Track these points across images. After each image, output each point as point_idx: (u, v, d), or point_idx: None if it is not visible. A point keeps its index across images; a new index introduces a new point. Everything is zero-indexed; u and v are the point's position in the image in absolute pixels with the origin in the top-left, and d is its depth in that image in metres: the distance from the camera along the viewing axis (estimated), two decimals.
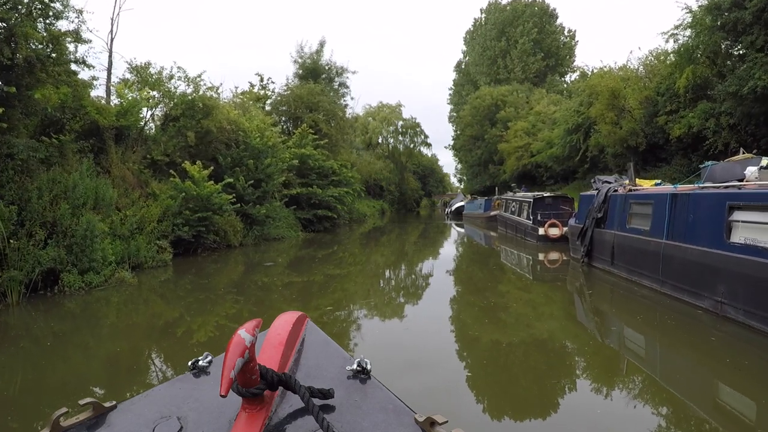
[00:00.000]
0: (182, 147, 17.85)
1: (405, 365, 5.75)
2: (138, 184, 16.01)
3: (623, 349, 6.53)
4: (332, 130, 30.50)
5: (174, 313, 9.09)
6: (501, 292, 10.41)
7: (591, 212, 11.73)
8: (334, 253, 19.00)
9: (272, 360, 1.38)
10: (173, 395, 1.44)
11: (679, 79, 21.58)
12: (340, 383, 1.44)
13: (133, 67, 18.71)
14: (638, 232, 9.64)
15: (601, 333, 7.42)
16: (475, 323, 7.76)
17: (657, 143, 24.92)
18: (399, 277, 13.42)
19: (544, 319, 8.13)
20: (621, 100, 24.51)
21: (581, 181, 36.04)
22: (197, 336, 7.38)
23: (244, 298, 10.24)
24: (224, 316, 8.78)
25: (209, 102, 18.58)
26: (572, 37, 67.94)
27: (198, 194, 15.30)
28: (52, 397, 5.11)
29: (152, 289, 11.18)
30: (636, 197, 10.10)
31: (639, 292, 9.10)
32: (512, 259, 16.00)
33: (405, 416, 1.30)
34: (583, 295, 9.97)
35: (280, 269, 14.37)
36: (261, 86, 33.13)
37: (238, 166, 18.53)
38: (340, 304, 9.49)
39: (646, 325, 7.45)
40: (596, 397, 5.02)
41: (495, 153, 50.67)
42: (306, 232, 24.03)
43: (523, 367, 5.90)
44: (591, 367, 5.88)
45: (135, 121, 16.64)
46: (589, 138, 30.55)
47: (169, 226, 14.85)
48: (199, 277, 12.99)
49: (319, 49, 37.67)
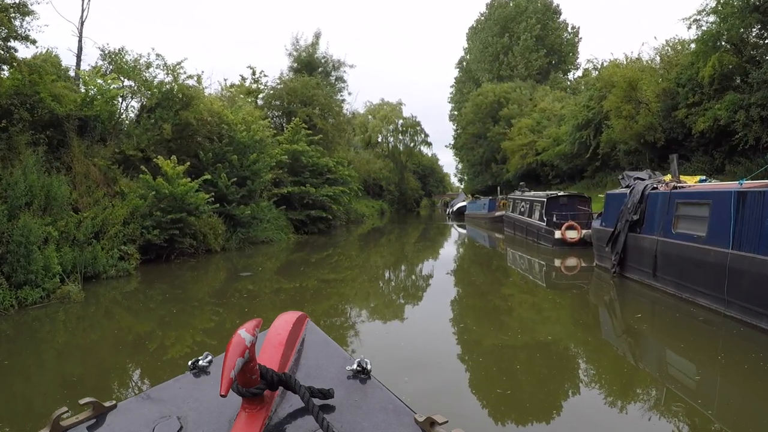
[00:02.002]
0: (158, 141, 16.08)
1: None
2: (104, 182, 14.23)
3: (675, 385, 4.76)
4: (328, 126, 28.74)
5: (127, 334, 7.36)
6: (516, 307, 8.66)
7: (623, 214, 9.97)
8: (329, 256, 17.52)
9: (272, 360, 1.37)
10: (173, 395, 1.43)
11: (702, 68, 19.82)
12: (340, 383, 1.43)
13: (106, 53, 16.97)
14: (689, 238, 7.88)
15: (646, 364, 5.69)
16: (489, 341, 6.01)
17: (676, 138, 23.15)
18: (398, 285, 11.69)
19: (574, 343, 6.38)
20: (639, 91, 22.71)
21: (590, 180, 34.31)
22: (164, 363, 5.66)
23: (224, 309, 8.84)
24: (201, 331, 7.45)
25: (189, 91, 16.82)
26: (575, 33, 66.52)
27: (171, 193, 13.53)
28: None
29: (106, 305, 9.41)
30: (685, 196, 8.35)
31: (694, 314, 7.34)
32: (524, 265, 14.25)
33: (405, 416, 1.30)
34: (616, 312, 8.21)
35: (268, 275, 13.05)
36: (253, 80, 31.29)
37: (220, 162, 16.75)
38: (335, 311, 8.62)
39: (710, 361, 5.69)
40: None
41: (498, 151, 49.03)
42: (298, 234, 22.26)
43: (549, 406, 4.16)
44: (633, 411, 4.12)
45: (102, 111, 14.89)
46: (600, 134, 28.77)
47: (137, 229, 13.09)
48: (173, 287, 11.35)
49: (315, 42, 35.97)
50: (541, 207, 17.42)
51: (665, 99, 23.18)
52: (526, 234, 19.00)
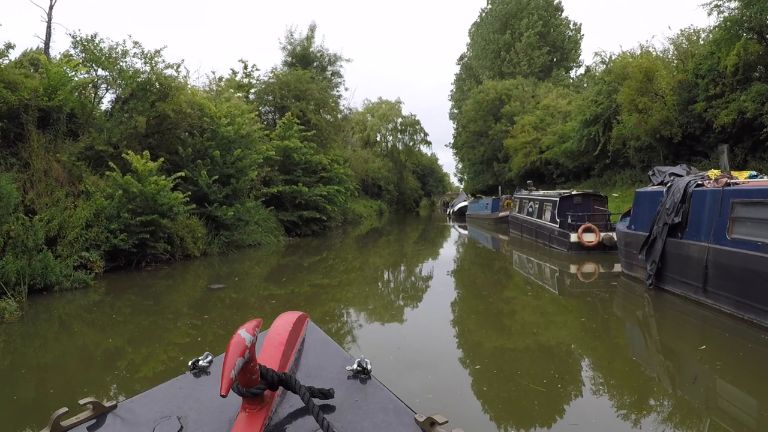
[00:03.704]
0: (132, 135, 14.59)
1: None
2: (68, 180, 12.76)
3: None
4: (322, 122, 27.23)
5: (71, 361, 5.88)
6: (534, 323, 7.19)
7: (660, 215, 8.49)
8: (323, 260, 16.17)
9: (272, 360, 1.37)
10: (173, 395, 1.43)
11: (724, 57, 18.37)
12: (341, 383, 1.43)
13: (77, 40, 15.47)
14: (752, 246, 6.41)
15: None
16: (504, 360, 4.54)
17: (693, 134, 21.71)
18: (397, 295, 10.23)
19: (608, 373, 4.90)
20: (655, 83, 21.21)
21: (598, 179, 32.85)
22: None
23: (203, 323, 7.69)
24: (175, 347, 6.63)
25: (167, 81, 15.33)
26: (578, 30, 65.24)
27: (141, 192, 12.04)
28: None
29: (51, 324, 7.94)
30: (744, 195, 6.87)
31: (764, 340, 5.88)
32: (533, 270, 12.78)
33: (405, 416, 1.29)
34: (666, 340, 6.72)
35: (256, 281, 12.03)
36: (245, 74, 29.77)
37: (201, 159, 15.25)
38: (330, 318, 8.11)
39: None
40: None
41: (499, 150, 47.64)
42: (290, 237, 20.76)
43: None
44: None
45: (68, 102, 13.42)
46: (609, 130, 27.30)
47: (102, 233, 11.61)
48: (144, 298, 10.07)
49: (310, 35, 34.49)
50: (553, 207, 15.94)
51: (681, 92, 21.72)
52: (536, 236, 17.51)
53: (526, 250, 16.68)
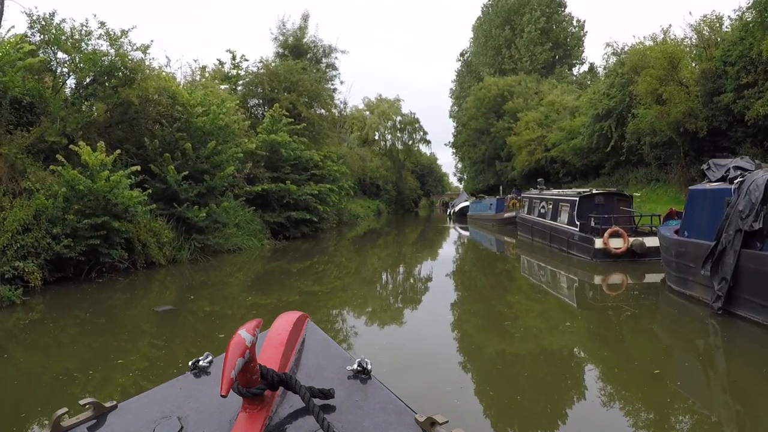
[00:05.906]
0: (89, 124, 12.70)
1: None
2: (10, 176, 10.88)
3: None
4: (315, 116, 25.34)
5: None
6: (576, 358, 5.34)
7: (730, 220, 6.62)
8: (314, 265, 14.71)
9: (273, 360, 1.35)
10: (174, 395, 1.42)
11: (759, 42, 16.52)
12: (341, 383, 1.41)
13: (34, 19, 13.59)
14: None
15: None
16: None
17: (718, 128, 19.86)
18: (397, 306, 8.44)
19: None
20: (681, 71, 19.32)
21: (608, 177, 30.98)
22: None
23: (165, 342, 6.71)
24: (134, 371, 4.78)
25: (132, 65, 13.43)
26: (581, 27, 63.60)
27: (90, 189, 10.14)
28: None
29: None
30: None
31: None
32: (566, 288, 10.94)
33: (405, 416, 1.28)
34: (724, 374, 4.86)
35: (237, 289, 10.75)
36: (233, 65, 27.86)
37: (170, 152, 13.34)
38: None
39: None
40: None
41: (502, 148, 45.81)
42: (276, 240, 18.87)
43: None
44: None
45: (14, 87, 11.55)
46: (623, 125, 25.43)
47: (42, 237, 9.72)
48: (94, 315, 8.50)
49: (303, 25, 32.60)
50: (571, 208, 14.07)
51: (705, 82, 19.88)
52: (550, 240, 15.62)
53: (538, 256, 14.89)
